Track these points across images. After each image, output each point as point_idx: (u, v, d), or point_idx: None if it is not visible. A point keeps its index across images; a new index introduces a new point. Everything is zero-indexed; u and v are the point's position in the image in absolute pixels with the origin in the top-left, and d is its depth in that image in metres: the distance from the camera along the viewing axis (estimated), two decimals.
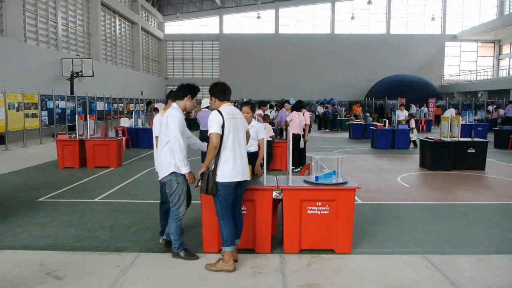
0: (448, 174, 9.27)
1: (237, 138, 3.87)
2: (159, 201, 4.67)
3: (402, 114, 15.82)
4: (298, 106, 9.66)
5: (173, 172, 4.02)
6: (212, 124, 3.76)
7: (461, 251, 4.44)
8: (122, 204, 6.42)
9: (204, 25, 38.69)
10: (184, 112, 4.22)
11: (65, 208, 6.09)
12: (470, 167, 9.71)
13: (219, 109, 3.88)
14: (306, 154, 7.77)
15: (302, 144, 9.40)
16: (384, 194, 7.27)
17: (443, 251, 4.43)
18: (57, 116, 16.72)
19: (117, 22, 28.58)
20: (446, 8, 37.67)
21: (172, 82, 38.79)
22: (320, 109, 24.97)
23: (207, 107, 10.37)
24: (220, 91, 3.97)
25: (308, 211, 4.28)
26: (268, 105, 14.86)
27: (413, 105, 26.08)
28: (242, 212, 4.19)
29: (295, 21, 38.09)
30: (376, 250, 4.46)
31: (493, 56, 38.29)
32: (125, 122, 14.66)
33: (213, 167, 3.82)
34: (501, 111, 23.78)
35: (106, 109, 21.79)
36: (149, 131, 13.92)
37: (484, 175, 9.32)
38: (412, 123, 14.75)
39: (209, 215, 4.21)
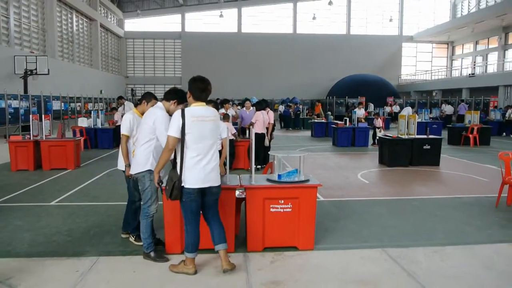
0: (405, 170, 9.62)
1: (202, 143, 3.59)
2: (127, 201, 4.63)
3: (360, 113, 16.31)
4: (262, 104, 9.69)
5: (148, 170, 4.04)
6: (172, 126, 3.55)
7: (417, 244, 4.63)
8: (80, 207, 6.21)
9: (165, 22, 38.03)
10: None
11: (19, 213, 5.82)
12: (426, 163, 10.12)
13: (184, 109, 3.63)
14: (269, 152, 7.84)
15: (267, 143, 9.47)
16: (345, 190, 7.44)
17: (401, 244, 4.59)
18: (10, 116, 15.90)
19: (74, 18, 27.54)
20: (403, 10, 39.02)
21: (132, 80, 37.91)
22: (281, 108, 25.27)
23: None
24: (197, 88, 3.63)
25: (271, 209, 4.30)
26: (231, 103, 14.81)
27: (371, 104, 26.91)
28: None
29: (258, 20, 38.19)
30: (338, 246, 4.56)
31: (447, 57, 40.11)
32: (83, 122, 14.17)
33: (179, 173, 3.62)
34: (448, 109, 24.90)
35: (62, 108, 20.97)
36: (108, 131, 13.56)
37: (438, 170, 9.74)
38: (379, 122, 15.16)
39: (171, 216, 4.16)
